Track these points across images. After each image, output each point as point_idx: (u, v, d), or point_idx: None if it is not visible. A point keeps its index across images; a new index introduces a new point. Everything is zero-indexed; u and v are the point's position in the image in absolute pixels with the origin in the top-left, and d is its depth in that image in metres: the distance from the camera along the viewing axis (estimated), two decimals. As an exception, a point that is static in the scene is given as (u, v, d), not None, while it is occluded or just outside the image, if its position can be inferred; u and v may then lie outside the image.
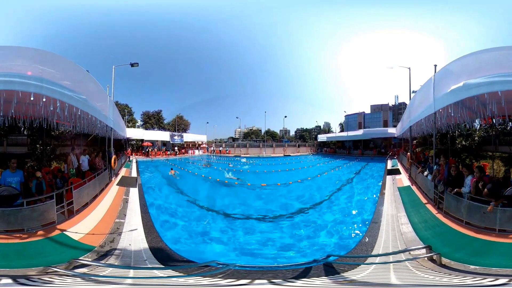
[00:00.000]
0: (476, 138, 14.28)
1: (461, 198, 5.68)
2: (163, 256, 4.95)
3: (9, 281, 2.99)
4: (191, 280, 3.56)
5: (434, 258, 4.10)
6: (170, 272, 4.04)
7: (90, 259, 4.32)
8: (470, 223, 5.22)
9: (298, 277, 3.80)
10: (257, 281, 3.51)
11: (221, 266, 4.03)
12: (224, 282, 3.50)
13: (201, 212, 9.58)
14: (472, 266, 3.76)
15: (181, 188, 13.56)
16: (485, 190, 5.38)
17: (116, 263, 4.34)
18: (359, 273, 3.88)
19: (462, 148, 14.43)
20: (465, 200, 5.49)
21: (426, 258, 4.14)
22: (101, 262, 4.28)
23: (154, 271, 4.10)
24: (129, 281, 3.46)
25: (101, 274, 3.65)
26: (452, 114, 6.47)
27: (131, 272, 3.92)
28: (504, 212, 4.74)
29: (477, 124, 13.56)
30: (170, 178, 16.21)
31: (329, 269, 4.11)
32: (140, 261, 4.56)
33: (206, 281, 3.50)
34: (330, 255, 4.90)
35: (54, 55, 5.51)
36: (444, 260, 4.02)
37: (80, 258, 4.16)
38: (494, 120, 10.60)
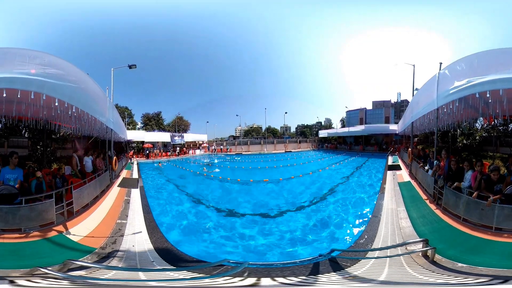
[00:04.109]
0: (477, 137, 14.16)
1: (460, 194, 5.65)
2: (172, 257, 4.80)
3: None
4: (208, 280, 3.36)
5: (427, 253, 4.06)
6: (185, 273, 3.81)
7: (90, 261, 4.15)
8: (467, 220, 5.16)
9: (309, 274, 3.82)
10: (263, 280, 3.47)
11: (234, 265, 3.93)
12: (238, 279, 3.38)
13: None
14: (464, 265, 3.70)
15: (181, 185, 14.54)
16: (482, 182, 5.34)
17: (119, 265, 4.16)
18: (360, 268, 3.90)
19: (463, 147, 14.33)
20: (464, 196, 5.45)
21: (420, 253, 4.11)
22: (102, 264, 4.10)
23: (168, 272, 3.95)
24: (138, 283, 3.29)
25: (102, 277, 3.43)
26: (455, 111, 6.41)
27: (141, 275, 3.67)
28: (502, 209, 4.62)
29: (478, 124, 13.51)
30: (158, 168, 23.18)
31: (334, 265, 4.14)
32: (147, 263, 4.39)
33: (222, 280, 3.31)
34: (334, 250, 4.95)
35: (54, 56, 5.49)
36: (436, 257, 3.98)
37: (76, 259, 3.84)
38: (495, 120, 10.50)
